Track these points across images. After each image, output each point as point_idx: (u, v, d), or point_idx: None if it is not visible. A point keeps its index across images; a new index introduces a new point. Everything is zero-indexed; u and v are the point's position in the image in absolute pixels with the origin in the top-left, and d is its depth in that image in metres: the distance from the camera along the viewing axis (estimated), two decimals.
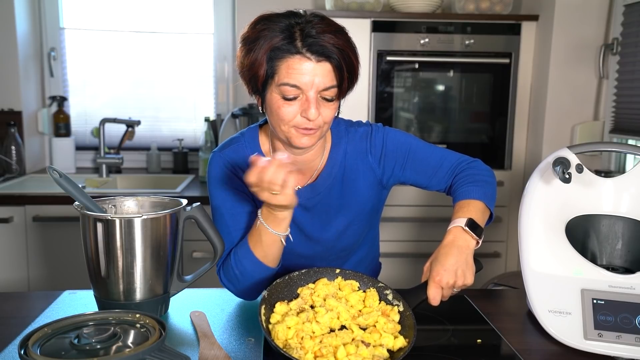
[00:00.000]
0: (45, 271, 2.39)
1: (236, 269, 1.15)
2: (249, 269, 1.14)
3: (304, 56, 1.04)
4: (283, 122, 1.09)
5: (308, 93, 1.06)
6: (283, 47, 1.04)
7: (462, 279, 1.05)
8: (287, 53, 1.04)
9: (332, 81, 1.07)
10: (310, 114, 1.06)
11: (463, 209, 1.14)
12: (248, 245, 1.14)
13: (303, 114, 1.07)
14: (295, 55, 1.04)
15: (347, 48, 1.08)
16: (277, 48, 1.05)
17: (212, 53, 3.03)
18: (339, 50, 1.06)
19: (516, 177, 2.66)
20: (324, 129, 1.12)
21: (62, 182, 1.03)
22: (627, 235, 1.16)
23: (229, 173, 1.20)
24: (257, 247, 1.12)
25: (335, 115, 1.16)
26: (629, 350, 1.00)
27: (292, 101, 1.07)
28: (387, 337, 0.96)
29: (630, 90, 2.31)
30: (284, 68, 1.05)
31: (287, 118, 1.08)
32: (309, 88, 1.05)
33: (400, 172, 1.25)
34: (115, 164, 2.77)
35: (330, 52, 1.05)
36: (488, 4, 2.58)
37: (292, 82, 1.05)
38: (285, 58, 1.05)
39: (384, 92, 2.55)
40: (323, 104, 1.08)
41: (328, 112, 1.09)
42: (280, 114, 1.08)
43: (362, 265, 1.37)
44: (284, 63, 1.05)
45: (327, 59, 1.05)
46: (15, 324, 1.08)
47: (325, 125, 1.11)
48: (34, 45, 2.86)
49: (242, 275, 1.15)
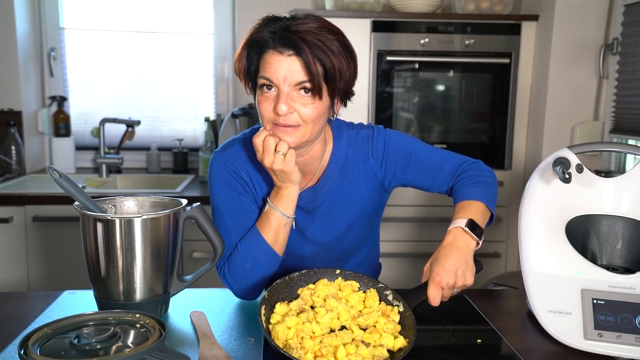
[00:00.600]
0: (45, 271, 2.39)
1: (246, 262, 1.15)
2: (258, 258, 1.15)
3: (276, 50, 1.05)
4: (263, 119, 1.10)
5: (281, 87, 1.06)
6: (261, 42, 1.07)
7: (462, 279, 1.05)
8: (264, 47, 1.07)
9: (304, 76, 1.05)
10: (278, 108, 1.05)
11: (463, 210, 1.14)
12: (258, 232, 1.16)
13: (274, 109, 1.07)
14: (269, 50, 1.06)
15: (323, 45, 1.05)
16: (257, 43, 1.07)
17: (212, 53, 3.03)
18: (311, 45, 1.04)
19: (516, 177, 2.66)
20: (307, 129, 1.09)
21: (62, 182, 1.03)
22: (627, 235, 1.16)
23: (230, 173, 1.20)
24: (267, 231, 1.15)
25: (331, 117, 1.16)
26: (629, 350, 1.00)
27: (267, 96, 1.08)
28: (387, 338, 0.96)
29: (630, 90, 2.31)
30: (262, 63, 1.07)
31: (265, 113, 1.09)
32: (281, 82, 1.05)
33: (402, 174, 1.25)
34: (115, 164, 2.77)
35: (300, 47, 1.03)
36: (488, 4, 2.58)
37: (266, 75, 1.06)
38: (263, 53, 1.07)
39: (384, 92, 2.55)
40: (300, 101, 1.07)
41: (306, 111, 1.07)
42: (259, 109, 1.10)
43: (363, 267, 1.37)
44: (262, 59, 1.07)
45: (296, 53, 1.04)
46: (15, 324, 1.08)
47: (306, 124, 1.08)
48: (34, 45, 2.86)
49: (251, 268, 1.15)
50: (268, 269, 1.17)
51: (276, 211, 1.15)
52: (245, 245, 1.16)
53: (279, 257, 1.18)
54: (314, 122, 1.09)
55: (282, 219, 1.15)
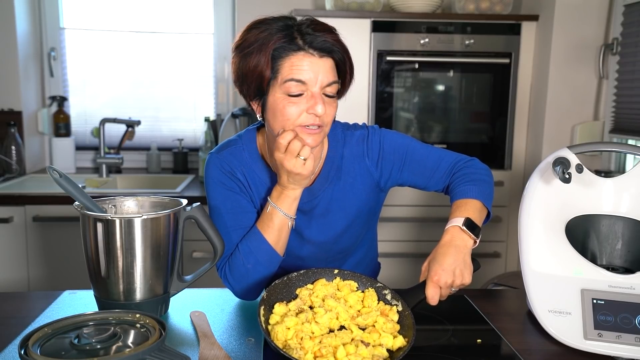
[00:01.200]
0: (45, 271, 2.39)
1: (247, 263, 1.15)
2: (260, 258, 1.15)
3: (307, 52, 1.06)
4: (289, 122, 1.08)
5: (313, 89, 1.07)
6: (285, 46, 1.06)
7: (460, 278, 1.05)
8: (290, 51, 1.06)
9: (334, 77, 1.09)
10: (317, 109, 1.06)
11: (460, 209, 1.14)
12: (260, 233, 1.16)
13: (310, 110, 1.07)
14: (298, 52, 1.06)
15: (343, 45, 1.11)
16: (279, 47, 1.06)
17: (212, 53, 3.03)
18: (339, 45, 1.09)
19: (516, 177, 2.66)
20: (326, 129, 1.13)
21: (62, 182, 1.03)
22: (627, 235, 1.16)
23: (226, 174, 1.21)
24: (269, 231, 1.15)
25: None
26: (629, 350, 1.00)
27: (296, 99, 1.07)
28: (387, 337, 0.96)
29: (630, 90, 2.31)
30: (287, 66, 1.06)
31: (293, 117, 1.08)
32: (314, 84, 1.06)
33: (397, 174, 1.25)
34: (115, 164, 2.78)
35: (332, 48, 1.08)
36: (488, 4, 2.58)
37: (297, 78, 1.05)
38: (288, 56, 1.06)
39: (384, 92, 2.55)
40: (326, 101, 1.09)
41: (331, 110, 1.11)
42: (285, 113, 1.08)
43: (361, 266, 1.37)
44: (287, 61, 1.06)
45: (329, 54, 1.08)
46: (15, 324, 1.08)
47: (327, 125, 1.12)
48: (34, 45, 2.86)
49: (253, 268, 1.15)
50: (269, 269, 1.17)
51: (279, 211, 1.15)
52: (247, 246, 1.16)
53: (280, 257, 1.18)
54: (331, 122, 1.14)
55: (284, 219, 1.15)
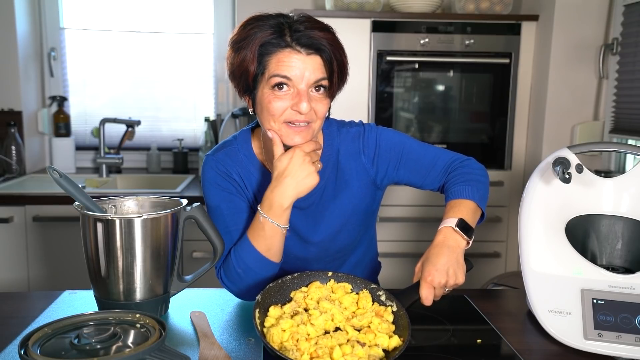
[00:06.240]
0: (45, 271, 2.39)
1: (238, 267, 1.14)
2: (251, 265, 1.13)
3: (294, 49, 1.06)
4: (274, 118, 1.09)
5: (299, 86, 1.06)
6: (272, 42, 1.06)
7: (454, 278, 1.05)
8: (277, 47, 1.06)
9: (322, 74, 1.08)
10: (301, 106, 1.06)
11: (454, 209, 1.14)
12: (249, 241, 1.13)
13: (294, 107, 1.07)
14: (285, 49, 1.06)
15: (335, 43, 1.10)
16: (267, 43, 1.06)
17: (212, 53, 3.03)
18: (329, 43, 1.08)
19: (516, 177, 2.66)
20: (316, 126, 1.12)
21: (62, 182, 1.03)
22: (627, 235, 1.16)
23: (222, 175, 1.21)
24: (260, 241, 1.13)
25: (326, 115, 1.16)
26: (629, 350, 1.00)
27: (282, 94, 1.07)
28: (382, 337, 0.96)
29: (630, 90, 2.31)
30: (274, 62, 1.06)
31: (277, 112, 1.08)
32: (300, 81, 1.06)
33: (393, 172, 1.25)
34: (115, 164, 2.78)
35: (320, 45, 1.07)
36: (488, 4, 2.58)
37: (283, 73, 1.05)
38: (275, 52, 1.06)
39: (384, 92, 2.55)
40: (314, 98, 1.09)
41: (320, 107, 1.10)
42: (270, 108, 1.08)
43: (361, 266, 1.36)
44: (274, 57, 1.06)
45: (317, 51, 1.07)
46: (15, 324, 1.08)
47: (317, 121, 1.11)
48: (34, 45, 2.86)
49: (244, 273, 1.14)
50: (262, 274, 1.15)
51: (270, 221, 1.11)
52: (238, 252, 1.15)
53: (275, 263, 1.15)
54: (322, 118, 1.12)
55: (276, 227, 1.12)
